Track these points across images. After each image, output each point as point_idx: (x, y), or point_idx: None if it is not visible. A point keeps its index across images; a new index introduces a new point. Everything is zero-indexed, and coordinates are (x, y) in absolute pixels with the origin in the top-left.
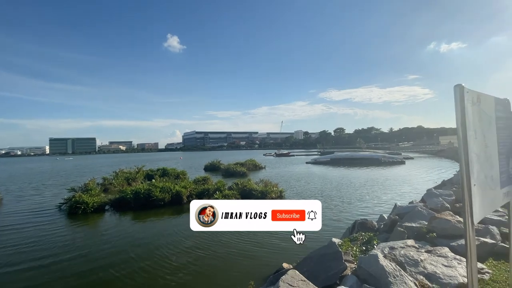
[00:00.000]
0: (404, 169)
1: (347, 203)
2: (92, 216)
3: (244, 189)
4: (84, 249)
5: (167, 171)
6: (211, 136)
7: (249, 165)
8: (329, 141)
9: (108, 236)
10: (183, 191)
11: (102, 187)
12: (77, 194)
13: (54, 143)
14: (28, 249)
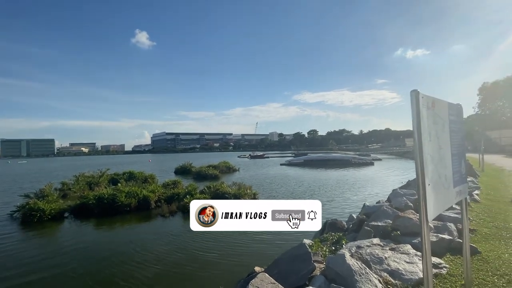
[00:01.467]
0: (373, 170)
1: None
2: (50, 224)
3: (217, 192)
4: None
5: (134, 175)
6: (182, 138)
7: (222, 168)
8: (303, 142)
9: (66, 246)
10: (151, 195)
11: (60, 193)
12: (32, 201)
13: (6, 145)
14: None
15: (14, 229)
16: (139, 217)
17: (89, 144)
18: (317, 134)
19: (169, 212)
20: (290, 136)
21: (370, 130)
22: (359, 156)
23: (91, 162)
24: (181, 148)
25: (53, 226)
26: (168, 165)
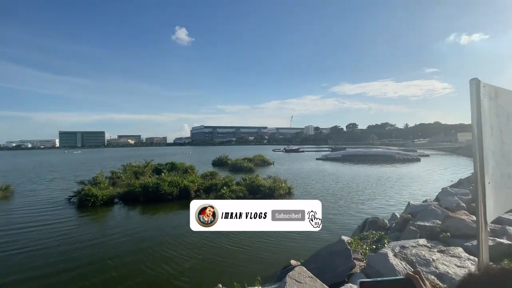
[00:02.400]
0: (419, 166)
1: (358, 201)
2: (102, 209)
3: (252, 184)
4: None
5: (175, 166)
6: (219, 131)
7: (257, 161)
8: (341, 136)
9: (118, 228)
10: (191, 185)
11: (110, 181)
12: (87, 187)
13: (63, 136)
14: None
15: (72, 212)
16: (180, 205)
17: (135, 136)
18: (356, 128)
19: None
20: (327, 130)
21: (417, 124)
22: (404, 152)
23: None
24: (218, 141)
25: (104, 210)
26: (206, 157)
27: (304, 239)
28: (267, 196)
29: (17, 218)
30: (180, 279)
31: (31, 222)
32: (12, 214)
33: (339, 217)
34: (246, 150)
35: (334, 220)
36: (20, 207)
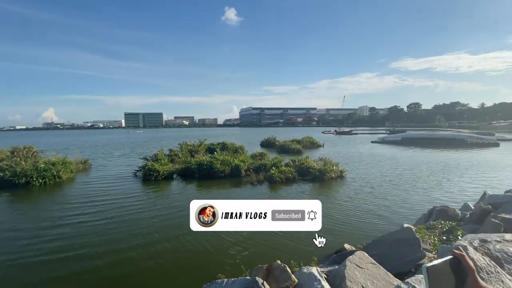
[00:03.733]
0: (497, 153)
1: (420, 188)
2: (163, 182)
3: (301, 166)
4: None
5: (226, 145)
6: (267, 112)
7: (306, 143)
8: (400, 118)
9: (179, 199)
10: (241, 165)
11: (169, 158)
12: (149, 163)
13: (128, 117)
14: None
15: (138, 185)
16: (231, 183)
17: (189, 118)
18: (419, 108)
19: (257, 181)
20: (384, 111)
21: (496, 103)
22: (478, 135)
23: (191, 133)
24: (266, 122)
25: (165, 184)
26: (254, 138)
27: (357, 225)
28: (317, 179)
29: (96, 189)
30: (241, 246)
31: (107, 193)
32: (92, 184)
33: (397, 206)
34: (294, 132)
35: (391, 208)
36: (97, 179)
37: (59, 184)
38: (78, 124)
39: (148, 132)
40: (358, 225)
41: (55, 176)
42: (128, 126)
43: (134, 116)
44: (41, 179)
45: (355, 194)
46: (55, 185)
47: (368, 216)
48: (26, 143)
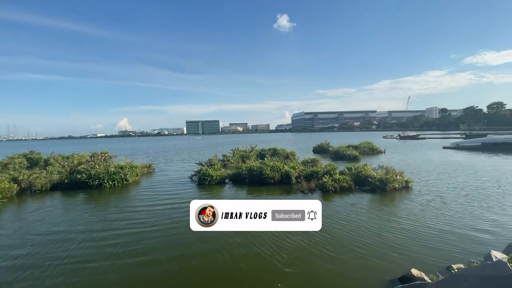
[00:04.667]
0: None
1: (509, 205)
2: (216, 187)
3: (359, 175)
4: None
5: (277, 151)
6: (320, 117)
7: (364, 149)
8: (478, 120)
9: None
10: (291, 171)
11: (222, 163)
12: (204, 168)
13: (189, 125)
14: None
15: (194, 188)
16: (281, 189)
17: (242, 124)
18: (503, 109)
19: (308, 189)
20: (458, 112)
21: None
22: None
23: (243, 139)
24: (319, 127)
25: (218, 188)
26: (306, 143)
27: (425, 246)
28: (377, 189)
29: (158, 192)
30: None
31: (168, 196)
32: (155, 187)
33: (477, 227)
34: (350, 137)
35: (469, 230)
36: (159, 182)
37: (126, 187)
38: (147, 132)
39: (205, 138)
40: (426, 247)
41: (123, 179)
42: (189, 133)
43: (194, 123)
44: (111, 182)
45: (422, 210)
46: (123, 187)
47: (438, 238)
48: (103, 149)
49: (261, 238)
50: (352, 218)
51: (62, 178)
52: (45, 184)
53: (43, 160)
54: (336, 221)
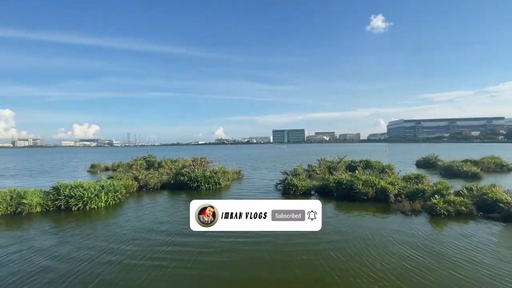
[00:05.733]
0: None
1: None
2: (300, 198)
3: (483, 197)
4: None
5: (370, 164)
6: (424, 125)
7: (489, 164)
8: None
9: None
10: (389, 187)
11: (307, 173)
12: (289, 177)
13: (275, 134)
14: None
15: (279, 197)
16: (376, 208)
17: (329, 133)
18: None
19: (411, 210)
20: None
21: None
22: None
23: (330, 149)
24: (423, 137)
25: (302, 199)
26: (406, 156)
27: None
28: (509, 217)
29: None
30: None
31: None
32: (243, 192)
33: None
34: (466, 150)
35: None
36: (247, 188)
37: (219, 190)
38: (238, 140)
39: (290, 147)
40: None
41: (217, 183)
42: (275, 142)
43: (280, 132)
44: (207, 184)
45: None
46: (216, 190)
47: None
48: (202, 155)
49: None
50: (476, 256)
51: (169, 179)
52: (156, 183)
53: (157, 162)
54: (450, 262)
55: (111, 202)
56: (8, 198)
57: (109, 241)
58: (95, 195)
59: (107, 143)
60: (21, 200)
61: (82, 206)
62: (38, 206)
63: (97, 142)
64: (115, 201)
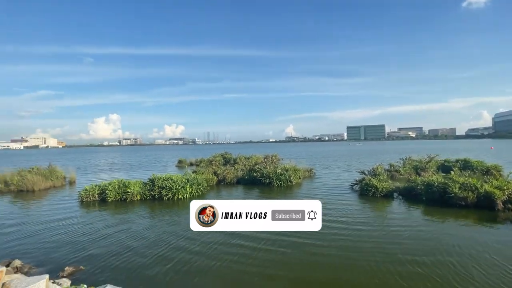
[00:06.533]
0: None
1: None
2: (381, 200)
3: None
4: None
5: (469, 164)
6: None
7: None
8: None
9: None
10: (496, 192)
11: (388, 174)
12: (367, 178)
13: (350, 131)
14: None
15: (355, 199)
16: (478, 216)
17: (416, 129)
18: None
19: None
20: None
21: None
22: None
23: (417, 147)
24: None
25: (384, 202)
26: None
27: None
28: None
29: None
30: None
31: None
32: (315, 191)
33: None
34: None
35: None
36: (319, 186)
37: (290, 187)
38: (309, 137)
39: (367, 144)
40: None
41: (288, 180)
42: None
43: (355, 129)
44: (278, 181)
45: None
46: (287, 187)
47: None
48: (273, 152)
49: None
50: None
51: (244, 175)
52: (232, 178)
53: (232, 159)
54: None
55: (195, 194)
56: (117, 187)
57: (177, 226)
58: (182, 187)
59: (191, 141)
60: (126, 189)
61: (171, 196)
62: (138, 194)
63: (183, 141)
64: (198, 193)
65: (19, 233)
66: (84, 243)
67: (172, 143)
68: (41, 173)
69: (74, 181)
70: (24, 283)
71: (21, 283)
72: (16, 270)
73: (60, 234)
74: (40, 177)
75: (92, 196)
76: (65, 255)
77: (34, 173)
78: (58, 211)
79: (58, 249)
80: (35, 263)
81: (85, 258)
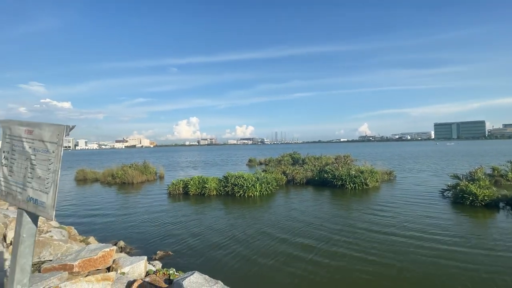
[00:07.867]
0: None
1: None
2: (481, 211)
3: None
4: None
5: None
6: None
7: None
8: None
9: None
10: None
11: (491, 179)
12: (462, 183)
13: (438, 128)
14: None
15: (447, 207)
16: None
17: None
18: None
19: None
20: None
21: None
22: None
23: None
24: None
25: (486, 213)
26: None
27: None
28: None
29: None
30: None
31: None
32: (397, 197)
33: None
34: None
35: None
36: (401, 191)
37: (366, 191)
38: (387, 137)
39: (461, 144)
40: None
41: (363, 183)
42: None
43: (445, 126)
44: (352, 184)
45: None
46: (363, 191)
47: None
48: (345, 152)
49: None
50: None
51: (314, 176)
52: (302, 179)
53: (301, 159)
54: None
55: (264, 192)
56: (197, 182)
57: (255, 222)
58: (252, 185)
59: (260, 141)
60: (204, 184)
61: (242, 193)
62: (214, 190)
63: (252, 141)
64: (267, 192)
65: (123, 220)
66: (173, 230)
67: (242, 143)
68: (138, 168)
69: (163, 176)
70: (128, 262)
71: (126, 261)
72: (121, 250)
73: (151, 221)
74: (137, 172)
75: (178, 190)
76: (156, 241)
77: (133, 168)
78: (152, 202)
79: (151, 235)
80: (134, 245)
81: (174, 244)
